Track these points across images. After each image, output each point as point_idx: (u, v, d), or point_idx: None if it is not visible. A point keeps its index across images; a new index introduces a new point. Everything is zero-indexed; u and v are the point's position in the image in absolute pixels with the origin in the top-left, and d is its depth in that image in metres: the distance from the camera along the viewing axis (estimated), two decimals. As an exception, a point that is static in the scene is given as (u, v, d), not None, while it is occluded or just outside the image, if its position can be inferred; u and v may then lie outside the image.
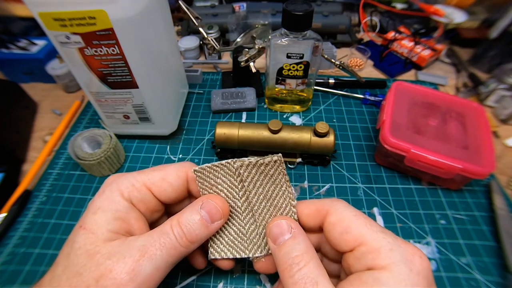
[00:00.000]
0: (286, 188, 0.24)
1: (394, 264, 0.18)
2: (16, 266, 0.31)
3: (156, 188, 0.23)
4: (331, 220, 0.21)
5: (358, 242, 0.19)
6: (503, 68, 0.48)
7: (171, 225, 0.21)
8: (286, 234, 0.21)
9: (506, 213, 0.34)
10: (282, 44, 0.38)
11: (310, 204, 0.23)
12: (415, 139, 0.36)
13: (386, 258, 0.18)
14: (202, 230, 0.22)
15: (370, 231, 0.19)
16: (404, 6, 0.65)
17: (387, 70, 0.55)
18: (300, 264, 0.19)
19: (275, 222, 0.22)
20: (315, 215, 0.22)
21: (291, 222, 0.22)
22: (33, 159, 0.42)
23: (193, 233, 0.21)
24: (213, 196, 0.23)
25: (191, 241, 0.21)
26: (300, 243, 0.20)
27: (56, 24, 0.29)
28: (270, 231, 0.22)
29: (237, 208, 0.25)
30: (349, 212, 0.21)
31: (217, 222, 0.23)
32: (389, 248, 0.18)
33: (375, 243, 0.19)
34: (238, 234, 0.25)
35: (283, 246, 0.20)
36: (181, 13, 0.67)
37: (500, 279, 0.30)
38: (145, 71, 0.34)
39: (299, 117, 0.47)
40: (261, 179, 0.24)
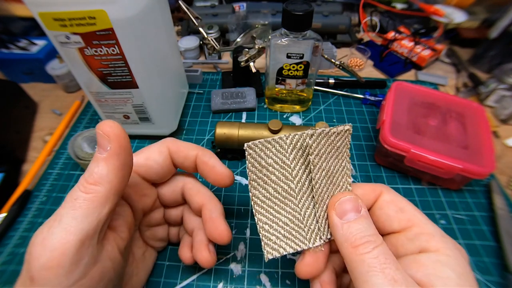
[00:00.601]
0: (346, 163, 0.23)
1: (449, 249, 0.18)
2: (16, 266, 0.31)
3: (142, 168, 0.23)
4: (386, 199, 0.21)
5: (412, 223, 0.20)
6: (503, 68, 0.48)
7: None
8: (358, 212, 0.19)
9: (506, 213, 0.34)
10: (282, 44, 0.38)
11: (362, 184, 0.23)
12: (415, 139, 0.36)
13: (441, 242, 0.18)
14: (98, 165, 0.18)
15: (423, 217, 0.20)
16: (404, 6, 0.65)
17: (387, 70, 0.55)
18: (377, 242, 0.18)
19: (347, 197, 0.20)
20: (369, 194, 0.22)
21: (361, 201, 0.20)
22: (33, 159, 0.42)
23: (92, 173, 0.18)
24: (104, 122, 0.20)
25: (93, 182, 0.18)
26: (371, 224, 0.19)
27: (56, 24, 0.29)
28: (339, 205, 0.20)
29: (290, 192, 0.22)
30: (402, 197, 0.21)
31: (108, 146, 0.19)
32: (441, 235, 0.19)
33: (428, 227, 0.19)
34: (295, 222, 0.21)
35: (355, 223, 0.19)
36: (181, 13, 0.67)
37: (500, 279, 0.30)
38: (145, 71, 0.34)
39: (299, 117, 0.47)
40: (327, 151, 0.21)
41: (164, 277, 0.30)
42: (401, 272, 0.17)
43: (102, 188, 0.18)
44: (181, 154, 0.25)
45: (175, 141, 0.26)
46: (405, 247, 0.19)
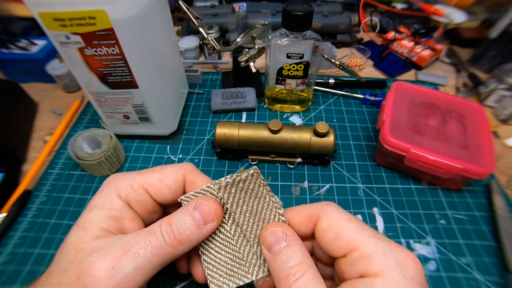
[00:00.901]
0: (270, 198, 0.23)
1: (388, 270, 0.17)
2: (16, 266, 0.31)
3: (153, 190, 0.23)
4: (322, 226, 0.20)
5: (350, 248, 0.19)
6: (503, 68, 0.48)
7: (160, 224, 0.20)
8: (281, 242, 0.20)
9: (506, 213, 0.34)
10: (282, 44, 0.38)
11: (300, 210, 0.22)
12: (415, 139, 0.36)
13: (379, 263, 0.18)
14: (193, 231, 0.21)
15: (362, 236, 0.19)
16: (404, 6, 0.65)
17: (387, 70, 0.55)
18: (297, 275, 0.18)
19: (270, 230, 0.21)
20: (307, 222, 0.22)
21: (286, 229, 0.21)
22: (33, 159, 0.42)
23: (183, 233, 0.20)
24: (206, 197, 0.23)
25: (180, 241, 0.20)
26: (297, 251, 0.19)
27: (56, 24, 0.29)
28: (264, 239, 0.21)
29: (226, 233, 0.24)
30: (341, 217, 0.20)
31: (210, 224, 0.21)
32: (382, 253, 0.18)
33: (367, 248, 0.18)
34: (235, 260, 0.23)
35: (278, 255, 0.19)
36: (181, 13, 0.67)
37: (500, 279, 0.30)
38: (145, 71, 0.34)
39: (299, 117, 0.47)
40: (242, 196, 0.23)
41: (164, 277, 0.30)
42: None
43: (184, 249, 0.20)
44: (194, 188, 0.24)
45: (194, 171, 0.25)
46: (348, 273, 0.19)
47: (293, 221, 0.22)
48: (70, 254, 0.19)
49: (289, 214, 0.23)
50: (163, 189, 0.23)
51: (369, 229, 0.20)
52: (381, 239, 0.19)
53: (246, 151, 0.40)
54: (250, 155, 0.40)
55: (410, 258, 0.18)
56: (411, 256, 0.18)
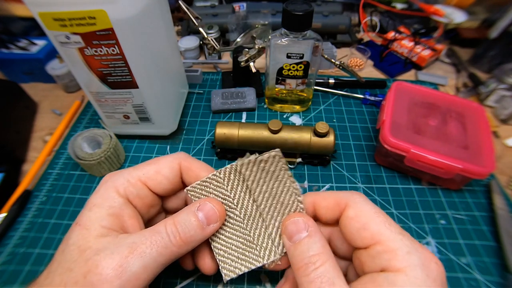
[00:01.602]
0: (290, 184, 0.23)
1: (411, 268, 0.17)
2: (16, 266, 0.31)
3: (151, 182, 0.23)
4: (350, 214, 0.20)
5: (375, 240, 0.19)
6: (503, 68, 0.48)
7: (165, 224, 0.21)
8: (302, 232, 0.20)
9: (506, 213, 0.34)
10: (282, 44, 0.38)
11: (328, 196, 0.22)
12: (415, 139, 0.36)
13: (403, 260, 0.17)
14: (197, 232, 0.21)
15: (388, 231, 0.19)
16: (404, 6, 0.65)
17: (387, 70, 0.55)
18: (316, 263, 0.18)
19: (292, 219, 0.21)
20: (333, 208, 0.21)
21: (307, 220, 0.21)
22: (33, 159, 0.42)
23: (188, 233, 0.21)
24: (210, 198, 0.23)
25: (184, 241, 0.21)
26: (317, 242, 0.19)
27: (56, 24, 0.29)
28: (286, 228, 0.21)
29: (236, 218, 0.24)
30: (369, 208, 0.20)
31: (213, 224, 0.22)
32: (407, 251, 0.18)
33: (392, 244, 0.18)
34: (246, 244, 0.23)
35: (299, 244, 0.20)
36: (181, 13, 0.67)
37: (500, 279, 0.30)
38: (145, 71, 0.34)
39: (299, 117, 0.47)
40: (263, 176, 0.23)
41: (164, 277, 0.30)
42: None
43: (187, 248, 0.21)
44: (192, 174, 0.25)
45: (188, 158, 0.25)
46: (368, 265, 0.19)
47: (319, 206, 0.22)
48: (73, 254, 0.19)
49: (316, 198, 0.23)
50: (161, 180, 0.24)
51: (395, 225, 0.20)
52: (406, 237, 0.19)
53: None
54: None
55: (433, 260, 0.18)
56: (434, 258, 0.18)
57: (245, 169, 0.23)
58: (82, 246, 0.19)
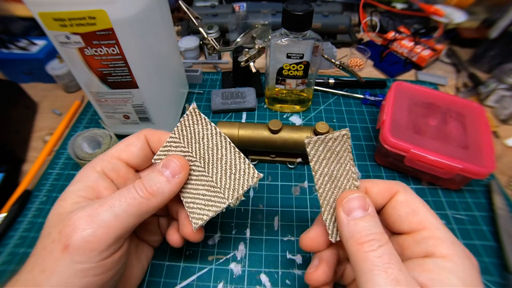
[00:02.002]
0: (350, 167, 0.23)
1: (457, 256, 0.18)
2: (16, 266, 0.31)
3: (124, 154, 0.25)
4: (400, 199, 0.21)
5: (422, 226, 0.19)
6: (503, 68, 0.48)
7: (134, 183, 0.22)
8: (365, 210, 0.20)
9: (506, 213, 0.34)
10: (282, 44, 0.38)
11: (379, 182, 0.23)
12: (415, 139, 0.36)
13: (450, 248, 0.18)
14: (163, 184, 0.22)
15: (436, 220, 0.20)
16: (404, 6, 0.65)
17: (387, 70, 0.55)
18: (382, 241, 0.18)
19: (353, 195, 0.21)
20: (385, 193, 0.22)
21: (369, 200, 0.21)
22: (33, 159, 0.42)
23: (154, 186, 0.22)
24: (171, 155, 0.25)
25: (152, 193, 0.22)
26: (378, 223, 0.19)
27: (56, 24, 0.29)
28: (346, 202, 0.20)
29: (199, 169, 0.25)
30: (418, 198, 0.21)
31: (178, 175, 0.23)
32: (452, 241, 0.18)
33: (438, 232, 0.19)
34: (211, 190, 0.25)
35: (361, 220, 0.19)
36: (181, 13, 0.67)
37: (500, 279, 0.30)
38: (145, 71, 0.34)
39: (299, 117, 0.47)
40: (327, 157, 0.23)
41: (164, 277, 0.30)
42: (404, 273, 0.16)
43: (156, 201, 0.22)
44: (154, 138, 0.27)
45: (152, 130, 0.27)
46: (411, 250, 0.19)
47: (371, 191, 0.22)
48: (52, 220, 0.21)
49: (367, 184, 0.23)
50: (132, 150, 0.26)
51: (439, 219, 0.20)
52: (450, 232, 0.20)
53: (246, 151, 0.40)
54: (250, 155, 0.40)
55: (472, 256, 0.19)
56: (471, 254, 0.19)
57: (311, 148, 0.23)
58: (59, 212, 0.21)
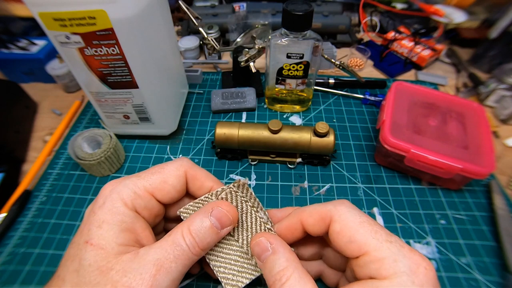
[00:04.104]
0: (254, 213, 0.25)
1: (396, 275, 0.18)
2: (16, 266, 0.31)
3: (158, 192, 0.23)
4: (335, 229, 0.21)
5: (363, 251, 0.19)
6: (503, 68, 0.48)
7: (183, 235, 0.21)
8: (267, 251, 0.21)
9: (506, 213, 0.34)
10: (282, 44, 0.38)
11: (313, 211, 0.22)
12: (415, 139, 0.36)
13: (389, 268, 0.18)
14: (213, 237, 0.22)
15: (375, 240, 0.19)
16: (404, 6, 0.65)
17: (387, 70, 0.55)
18: (282, 280, 0.19)
19: (255, 241, 0.22)
20: (320, 223, 0.22)
21: (269, 237, 0.22)
22: (33, 159, 0.42)
23: (205, 241, 0.21)
24: (221, 202, 0.23)
25: (203, 249, 0.21)
26: (281, 258, 0.20)
27: (56, 24, 0.29)
28: (253, 249, 0.22)
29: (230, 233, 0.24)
30: (353, 219, 0.21)
31: (227, 228, 0.22)
32: (393, 259, 0.18)
33: (379, 253, 0.19)
34: (242, 256, 0.24)
35: (266, 263, 0.21)
36: (181, 13, 0.67)
37: (500, 279, 0.30)
38: (145, 71, 0.34)
39: (299, 117, 0.47)
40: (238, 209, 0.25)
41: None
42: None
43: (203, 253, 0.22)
44: (197, 183, 0.25)
45: (193, 167, 0.25)
46: (358, 273, 0.20)
47: (306, 223, 0.23)
48: (93, 275, 0.18)
49: (302, 215, 0.23)
50: (169, 190, 0.23)
51: (382, 232, 0.20)
52: (394, 244, 0.19)
53: (246, 151, 0.40)
54: (250, 155, 0.40)
55: (422, 265, 0.18)
56: (423, 263, 0.18)
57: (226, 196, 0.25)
58: (104, 267, 0.19)
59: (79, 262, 0.19)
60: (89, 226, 0.20)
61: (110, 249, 0.19)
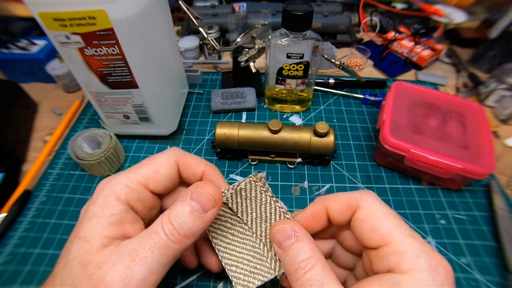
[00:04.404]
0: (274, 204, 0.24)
1: (418, 270, 0.17)
2: (16, 266, 0.31)
3: (151, 183, 0.23)
4: (360, 216, 0.20)
5: (385, 242, 0.19)
6: (503, 68, 0.48)
7: (161, 223, 0.20)
8: (290, 238, 0.20)
9: (506, 213, 0.34)
10: (282, 44, 0.38)
11: (339, 198, 0.22)
12: (415, 139, 0.36)
13: (410, 263, 0.18)
14: (195, 222, 0.20)
15: (398, 233, 0.19)
16: (404, 6, 0.65)
17: (387, 70, 0.55)
18: (306, 268, 0.19)
19: (278, 227, 0.21)
20: (345, 211, 0.21)
21: (294, 225, 0.21)
22: (33, 159, 0.42)
23: (186, 226, 0.20)
24: (201, 183, 0.22)
25: (184, 235, 0.20)
26: (305, 246, 0.20)
27: (56, 24, 0.29)
28: (274, 236, 0.21)
29: (246, 232, 0.24)
30: (380, 209, 0.20)
31: (211, 211, 0.21)
32: (415, 254, 0.18)
33: (401, 246, 0.18)
34: (257, 257, 0.23)
35: (288, 251, 0.20)
36: (181, 13, 0.67)
37: (500, 279, 0.30)
38: (145, 71, 0.34)
39: (299, 117, 0.47)
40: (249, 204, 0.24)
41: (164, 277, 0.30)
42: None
43: (189, 241, 0.20)
44: (189, 170, 0.25)
45: (183, 154, 0.25)
46: (377, 265, 0.19)
47: (332, 210, 0.22)
48: (75, 269, 0.18)
49: (327, 202, 0.23)
50: (161, 179, 0.23)
51: (406, 226, 0.20)
52: (416, 240, 0.19)
53: (246, 151, 0.40)
54: (250, 155, 0.40)
55: (442, 264, 0.18)
56: (443, 262, 0.18)
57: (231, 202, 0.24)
58: (84, 260, 0.18)
59: (66, 256, 0.19)
60: (80, 220, 0.21)
61: (94, 242, 0.19)
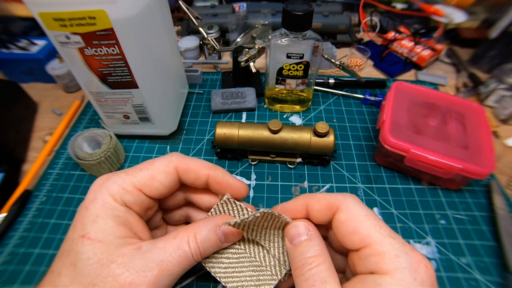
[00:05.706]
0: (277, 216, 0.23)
1: (398, 270, 0.17)
2: (16, 266, 0.31)
3: (146, 188, 0.23)
4: (341, 218, 0.21)
5: (365, 244, 0.19)
6: (503, 68, 0.48)
7: (189, 242, 0.21)
8: (303, 235, 0.21)
9: (506, 213, 0.34)
10: (282, 44, 0.38)
11: (322, 198, 0.22)
12: (415, 139, 0.36)
13: (391, 263, 0.18)
14: (215, 248, 0.23)
15: (378, 234, 0.19)
16: (404, 6, 0.65)
17: (387, 70, 0.55)
18: (312, 264, 0.19)
19: (293, 223, 0.22)
20: (325, 211, 0.22)
21: (309, 225, 0.22)
22: (33, 159, 0.42)
23: (208, 250, 0.22)
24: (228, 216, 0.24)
25: (203, 256, 0.22)
26: (316, 245, 0.21)
27: (56, 24, 0.29)
28: (288, 231, 0.22)
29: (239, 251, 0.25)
30: (360, 211, 0.20)
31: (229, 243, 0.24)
32: (395, 254, 0.18)
33: (381, 247, 0.18)
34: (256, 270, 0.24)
35: (299, 246, 0.21)
36: (181, 13, 0.67)
37: (500, 279, 0.30)
38: (145, 71, 0.34)
39: (299, 117, 0.47)
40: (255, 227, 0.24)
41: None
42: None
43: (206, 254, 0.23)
44: (191, 175, 0.24)
45: (183, 159, 0.24)
46: (359, 267, 0.20)
47: (312, 208, 0.23)
48: (93, 268, 0.18)
49: (309, 200, 0.23)
50: (157, 186, 0.23)
51: (386, 227, 0.20)
52: (396, 240, 0.19)
53: (246, 151, 0.40)
54: (250, 155, 0.40)
55: (423, 263, 0.18)
56: (424, 261, 0.18)
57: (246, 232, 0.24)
58: (104, 259, 0.19)
59: (76, 256, 0.19)
60: (82, 221, 0.20)
61: (109, 242, 0.19)
